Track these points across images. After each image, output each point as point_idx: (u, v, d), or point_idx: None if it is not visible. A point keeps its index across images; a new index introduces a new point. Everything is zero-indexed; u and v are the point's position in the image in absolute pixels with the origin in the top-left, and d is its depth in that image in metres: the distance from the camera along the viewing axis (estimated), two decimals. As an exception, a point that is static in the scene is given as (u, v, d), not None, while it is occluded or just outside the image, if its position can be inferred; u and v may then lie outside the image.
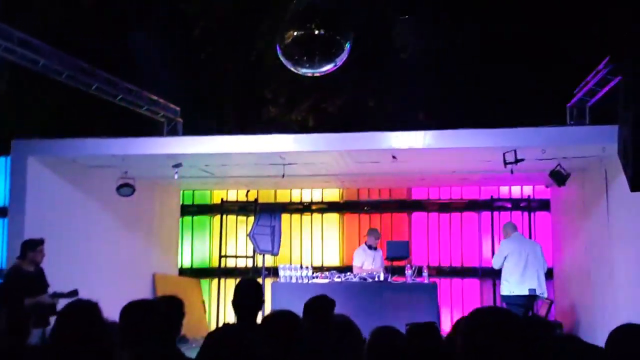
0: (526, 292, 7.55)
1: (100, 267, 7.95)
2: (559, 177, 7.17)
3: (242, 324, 3.61)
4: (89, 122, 8.79)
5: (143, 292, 8.98)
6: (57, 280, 6.27)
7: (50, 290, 6.12)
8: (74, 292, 5.70)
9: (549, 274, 9.53)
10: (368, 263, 8.61)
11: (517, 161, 6.66)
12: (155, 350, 2.89)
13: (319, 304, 3.79)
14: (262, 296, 3.84)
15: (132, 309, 3.08)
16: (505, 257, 7.74)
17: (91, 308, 3.05)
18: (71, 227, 7.31)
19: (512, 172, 6.79)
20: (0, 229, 8.46)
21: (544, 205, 9.94)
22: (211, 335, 2.79)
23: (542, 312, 7.67)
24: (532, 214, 9.79)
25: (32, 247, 6.13)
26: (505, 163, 6.71)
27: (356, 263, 8.73)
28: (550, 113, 7.89)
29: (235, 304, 3.77)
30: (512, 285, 7.63)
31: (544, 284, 7.73)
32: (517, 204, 10.05)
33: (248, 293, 3.79)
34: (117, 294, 3.30)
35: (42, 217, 7.25)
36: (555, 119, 7.69)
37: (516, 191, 10.16)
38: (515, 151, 6.64)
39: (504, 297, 7.71)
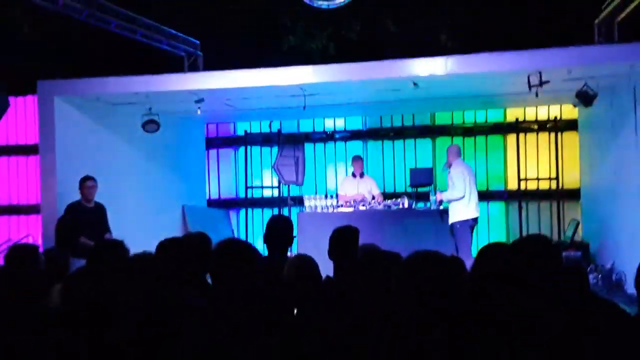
0: (478, 214, 7.59)
1: (132, 201, 8.20)
2: (586, 98, 7.00)
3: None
4: (111, 61, 8.83)
5: (174, 223, 9.29)
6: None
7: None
8: None
9: (577, 195, 9.52)
10: (351, 191, 8.47)
11: (542, 84, 6.53)
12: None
13: (344, 235, 3.89)
14: (292, 231, 3.98)
15: (166, 245, 3.33)
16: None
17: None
18: (101, 164, 7.51)
19: (537, 95, 6.67)
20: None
21: (572, 125, 9.76)
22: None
23: None
24: (559, 135, 9.67)
25: (80, 184, 6.55)
26: (530, 86, 6.58)
27: (339, 191, 8.72)
28: (576, 32, 7.61)
29: (267, 239, 3.92)
30: (472, 209, 7.43)
31: None
32: (543, 125, 9.91)
33: (278, 228, 3.94)
34: (149, 227, 3.48)
35: (71, 154, 7.46)
36: (582, 37, 7.43)
37: (543, 112, 9.97)
38: (540, 73, 6.49)
39: (462, 223, 7.36)
